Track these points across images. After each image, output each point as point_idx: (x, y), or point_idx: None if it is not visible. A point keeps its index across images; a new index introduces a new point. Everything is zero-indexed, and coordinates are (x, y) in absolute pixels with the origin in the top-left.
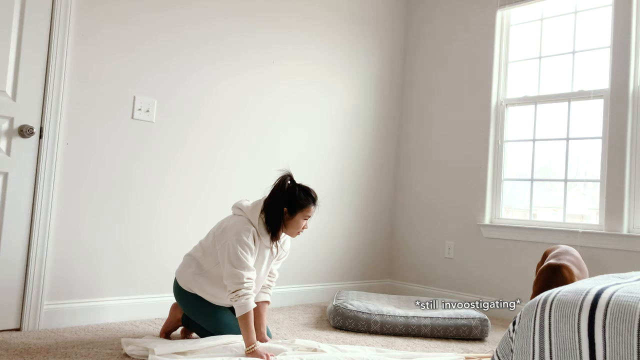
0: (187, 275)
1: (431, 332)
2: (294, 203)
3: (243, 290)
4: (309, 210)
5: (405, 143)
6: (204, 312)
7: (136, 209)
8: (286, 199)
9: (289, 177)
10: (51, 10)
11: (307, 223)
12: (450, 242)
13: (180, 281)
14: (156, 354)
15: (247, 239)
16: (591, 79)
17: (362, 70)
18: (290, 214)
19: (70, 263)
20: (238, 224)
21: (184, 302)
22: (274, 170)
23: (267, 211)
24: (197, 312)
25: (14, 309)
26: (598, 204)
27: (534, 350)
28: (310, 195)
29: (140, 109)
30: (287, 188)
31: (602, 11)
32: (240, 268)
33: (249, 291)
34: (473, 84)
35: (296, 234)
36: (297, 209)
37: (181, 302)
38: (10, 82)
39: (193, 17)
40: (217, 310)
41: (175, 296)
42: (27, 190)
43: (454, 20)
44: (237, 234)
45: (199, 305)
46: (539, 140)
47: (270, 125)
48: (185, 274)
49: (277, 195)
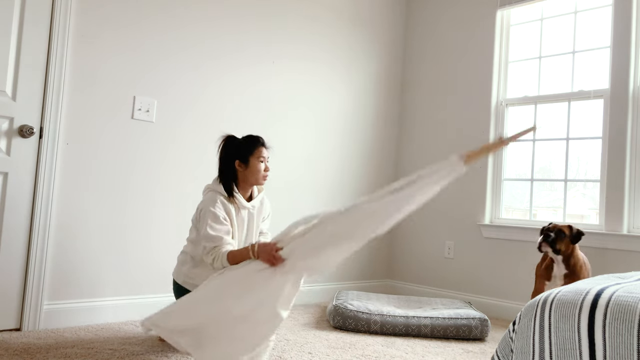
0: (184, 273)
1: (431, 332)
2: (242, 151)
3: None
4: (259, 151)
5: (405, 143)
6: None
7: (136, 209)
8: (233, 152)
9: (230, 136)
10: (51, 10)
11: (266, 165)
12: (450, 242)
13: (178, 279)
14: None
15: (215, 209)
16: (591, 79)
17: (362, 70)
18: (245, 163)
19: (70, 263)
20: (205, 200)
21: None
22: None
23: (220, 172)
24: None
25: (14, 309)
26: (598, 204)
27: (534, 350)
28: (256, 138)
29: (140, 109)
30: (231, 143)
31: (602, 11)
32: (212, 240)
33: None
34: (473, 84)
35: (263, 179)
36: (248, 155)
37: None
38: (10, 82)
39: (193, 18)
40: None
41: (176, 297)
42: (27, 190)
43: (454, 20)
44: (205, 209)
45: None
46: (539, 140)
47: (271, 125)
48: (181, 271)
49: (224, 154)
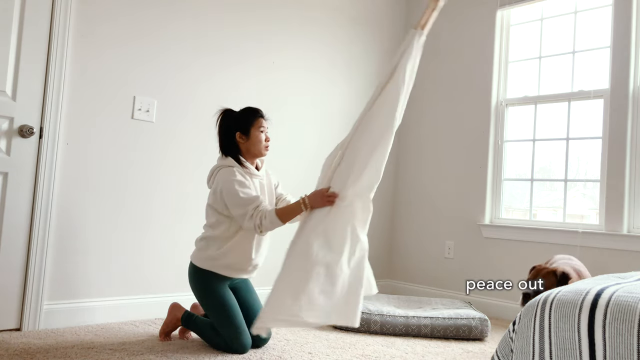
0: (210, 256)
1: (431, 332)
2: (242, 123)
3: (257, 213)
4: (259, 122)
5: (405, 143)
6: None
7: (136, 209)
8: (233, 124)
9: (226, 109)
10: (51, 10)
11: (267, 135)
12: (450, 242)
13: (203, 265)
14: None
15: (237, 177)
16: (591, 79)
17: (363, 70)
18: (246, 134)
19: (70, 263)
20: (223, 175)
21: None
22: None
23: (222, 147)
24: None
25: (14, 309)
26: (598, 204)
27: (534, 350)
28: (254, 109)
29: (140, 109)
30: (230, 116)
31: (602, 11)
32: (250, 202)
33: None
34: (473, 84)
35: (265, 150)
36: (249, 126)
37: (194, 284)
38: (10, 82)
39: (193, 17)
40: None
41: (191, 283)
42: (27, 190)
43: (454, 20)
44: (227, 182)
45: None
46: (539, 140)
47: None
48: (206, 256)
49: (224, 127)
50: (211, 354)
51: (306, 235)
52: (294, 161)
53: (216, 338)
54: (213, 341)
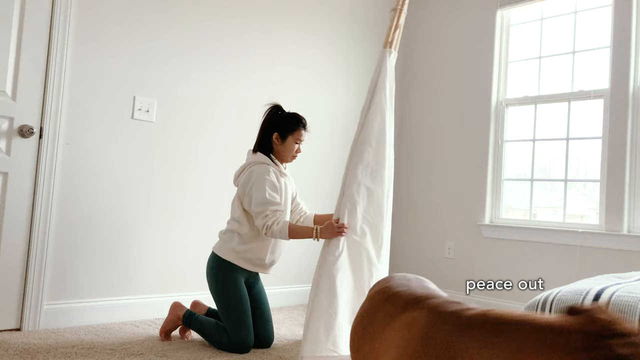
0: (233, 248)
1: None
2: (284, 127)
3: (273, 216)
4: (299, 133)
5: (404, 143)
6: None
7: (136, 209)
8: (276, 124)
9: (277, 106)
10: (51, 10)
11: (299, 147)
12: (450, 242)
13: (226, 256)
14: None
15: (270, 177)
16: (591, 79)
17: (362, 70)
18: (282, 138)
19: (70, 263)
20: (258, 171)
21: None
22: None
23: (259, 141)
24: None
25: (14, 309)
26: (598, 204)
27: None
28: (299, 119)
29: (140, 109)
30: (276, 115)
31: (602, 11)
32: (272, 204)
33: (276, 217)
34: (473, 84)
35: (291, 158)
36: (288, 132)
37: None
38: (10, 82)
39: (193, 17)
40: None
41: (208, 273)
42: (27, 190)
43: (454, 20)
44: (260, 178)
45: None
46: (539, 140)
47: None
48: (229, 247)
49: (267, 123)
50: (211, 354)
51: (328, 269)
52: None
53: (217, 336)
54: (214, 339)
